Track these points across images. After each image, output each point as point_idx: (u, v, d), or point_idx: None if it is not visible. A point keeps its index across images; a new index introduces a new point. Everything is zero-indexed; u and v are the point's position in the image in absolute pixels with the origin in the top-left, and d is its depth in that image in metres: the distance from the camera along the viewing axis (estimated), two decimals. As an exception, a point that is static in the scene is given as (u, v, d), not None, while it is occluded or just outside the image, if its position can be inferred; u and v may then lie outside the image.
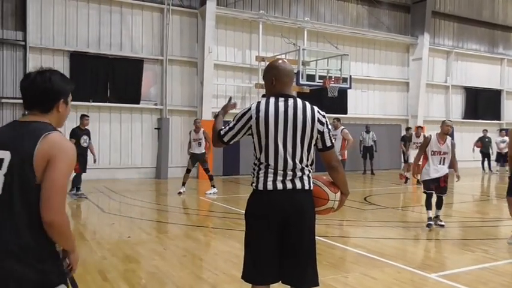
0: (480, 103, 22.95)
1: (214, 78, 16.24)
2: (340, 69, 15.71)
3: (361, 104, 19.84)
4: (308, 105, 3.08)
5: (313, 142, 3.06)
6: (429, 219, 7.60)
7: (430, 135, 7.81)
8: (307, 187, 3.04)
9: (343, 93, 17.43)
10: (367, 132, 18.01)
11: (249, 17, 16.75)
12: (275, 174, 2.99)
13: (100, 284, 4.74)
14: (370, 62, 20.03)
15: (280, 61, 3.23)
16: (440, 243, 7.04)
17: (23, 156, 2.07)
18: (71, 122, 11.63)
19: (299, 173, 3.01)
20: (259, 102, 3.08)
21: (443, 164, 7.60)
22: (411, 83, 20.82)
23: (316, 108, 3.09)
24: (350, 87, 16.53)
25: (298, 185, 3.00)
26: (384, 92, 20.50)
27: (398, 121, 20.58)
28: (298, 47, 16.02)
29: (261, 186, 3.01)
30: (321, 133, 3.05)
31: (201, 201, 11.12)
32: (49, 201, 2.02)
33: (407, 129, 16.65)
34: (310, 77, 15.61)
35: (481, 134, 19.88)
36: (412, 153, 14.78)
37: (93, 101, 14.63)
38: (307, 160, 3.05)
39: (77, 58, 14.49)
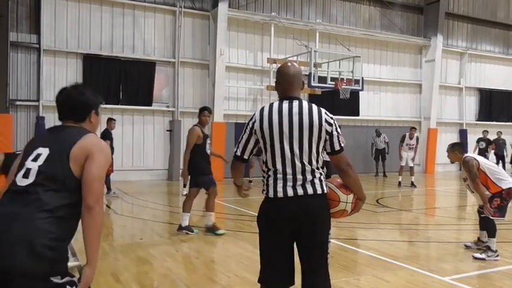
0: (494, 105, 22.68)
1: (226, 80, 16.27)
2: (352, 71, 15.64)
3: (374, 106, 19.71)
4: (314, 106, 3.02)
5: (322, 144, 2.97)
6: None
7: None
8: (319, 191, 2.96)
9: (355, 95, 17.36)
10: (378, 135, 17.82)
11: (260, 19, 16.75)
12: (284, 179, 2.93)
13: (113, 285, 4.77)
14: (383, 63, 19.90)
15: (289, 64, 3.19)
16: (454, 246, 6.95)
17: (61, 151, 2.35)
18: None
19: (309, 177, 2.94)
20: (263, 107, 3.07)
21: None
22: (424, 84, 20.64)
23: (323, 110, 3.03)
24: (362, 89, 16.43)
25: (310, 190, 2.93)
26: (396, 94, 20.36)
27: (410, 123, 20.32)
28: (310, 49, 15.96)
29: (271, 194, 2.96)
30: (330, 134, 2.97)
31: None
32: (90, 189, 2.30)
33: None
34: (322, 79, 15.58)
35: (495, 136, 19.65)
36: (405, 156, 14.64)
37: (105, 103, 14.73)
38: (317, 163, 2.98)
39: (90, 60, 14.60)
